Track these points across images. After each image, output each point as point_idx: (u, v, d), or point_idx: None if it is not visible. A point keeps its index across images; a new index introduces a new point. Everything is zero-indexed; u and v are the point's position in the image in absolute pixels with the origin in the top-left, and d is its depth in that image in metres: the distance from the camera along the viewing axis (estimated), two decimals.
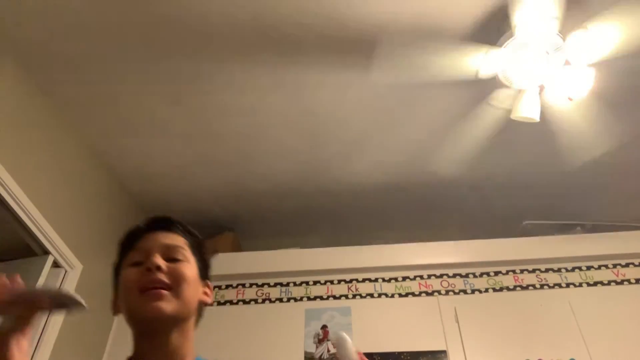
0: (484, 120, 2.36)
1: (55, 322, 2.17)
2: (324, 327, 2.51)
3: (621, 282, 2.53)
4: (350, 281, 2.70)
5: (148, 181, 2.89)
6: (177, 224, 0.92)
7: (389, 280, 2.69)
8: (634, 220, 2.82)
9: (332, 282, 2.71)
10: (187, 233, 0.92)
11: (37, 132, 2.27)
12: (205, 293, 0.91)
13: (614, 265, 2.59)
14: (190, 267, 0.86)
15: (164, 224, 0.91)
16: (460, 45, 2.00)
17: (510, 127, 2.39)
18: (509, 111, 2.18)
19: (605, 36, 1.85)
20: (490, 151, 2.63)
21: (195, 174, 2.84)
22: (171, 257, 0.85)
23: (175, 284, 0.81)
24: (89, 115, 2.45)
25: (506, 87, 2.13)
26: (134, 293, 0.79)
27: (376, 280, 2.69)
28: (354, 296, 2.64)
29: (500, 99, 2.21)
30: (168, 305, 0.79)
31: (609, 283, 2.54)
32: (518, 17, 1.87)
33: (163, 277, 0.81)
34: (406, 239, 2.84)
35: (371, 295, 2.64)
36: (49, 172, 2.31)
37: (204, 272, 0.92)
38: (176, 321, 0.81)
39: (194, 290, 0.85)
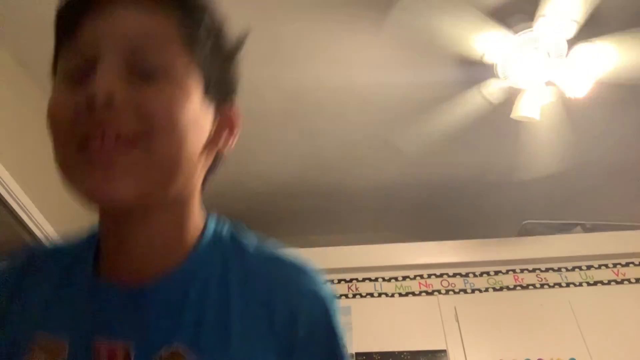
0: (480, 119, 2.36)
1: None
2: None
3: (621, 282, 2.53)
4: (350, 280, 2.70)
5: None
6: None
7: (389, 280, 2.68)
8: (635, 219, 2.82)
9: (332, 281, 2.71)
10: (182, 8, 0.47)
11: (34, 127, 2.26)
12: (224, 127, 0.53)
13: (614, 265, 2.59)
14: (183, 93, 0.45)
15: None
16: (482, 20, 1.90)
17: (510, 126, 2.39)
18: (503, 106, 2.17)
19: (609, 55, 1.85)
20: (489, 150, 2.64)
21: None
22: (144, 64, 0.44)
23: (148, 134, 0.43)
24: None
25: (502, 79, 2.12)
26: (68, 150, 0.44)
27: (376, 279, 2.69)
28: (354, 295, 2.64)
29: (493, 91, 2.20)
30: (128, 181, 0.42)
31: (609, 282, 2.54)
32: (544, 8, 1.84)
33: (121, 119, 0.42)
34: (406, 239, 2.84)
35: (371, 295, 2.64)
36: (47, 167, 2.29)
37: (225, 92, 0.52)
38: (155, 207, 0.47)
39: (188, 134, 0.45)
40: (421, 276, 2.68)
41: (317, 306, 0.51)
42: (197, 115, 0.47)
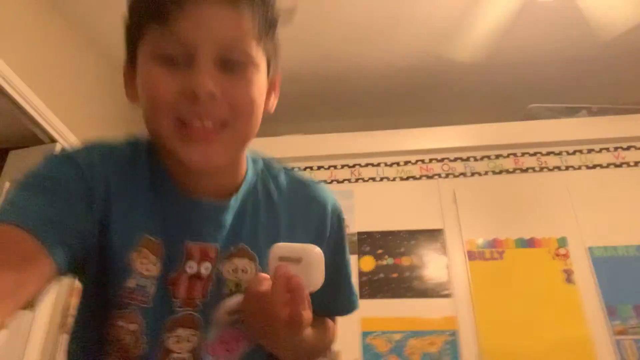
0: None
1: None
2: None
3: (620, 165, 2.55)
4: (353, 166, 2.76)
5: None
6: None
7: (391, 165, 2.74)
8: None
9: (335, 167, 2.78)
10: (258, 4, 0.56)
11: (36, 22, 2.19)
12: (272, 90, 0.64)
13: (615, 149, 2.59)
14: (258, 79, 0.56)
15: None
16: None
17: (521, 8, 2.25)
18: None
19: None
20: (499, 32, 2.51)
21: None
22: (232, 60, 0.54)
23: (235, 119, 0.55)
24: (90, 6, 2.36)
25: None
26: (168, 120, 0.53)
27: (378, 164, 2.75)
28: (357, 180, 2.72)
29: None
30: (221, 152, 0.55)
31: (607, 166, 2.56)
32: None
33: (217, 111, 0.53)
34: (409, 124, 2.84)
35: (373, 179, 2.71)
36: (49, 61, 2.27)
37: (274, 64, 0.62)
38: (233, 162, 0.61)
39: (260, 113, 0.59)
40: (422, 161, 2.73)
41: (336, 213, 0.70)
42: (263, 91, 0.59)
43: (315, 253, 0.54)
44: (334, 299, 0.72)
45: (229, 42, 0.54)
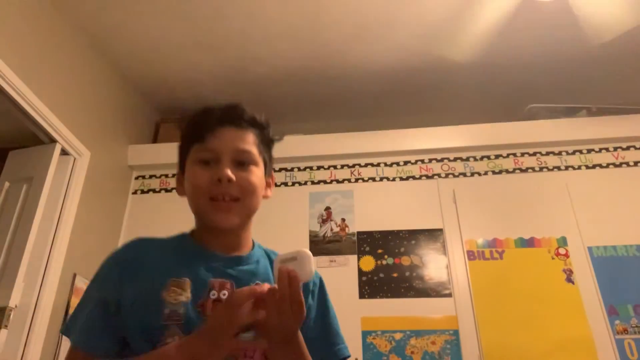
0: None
1: (70, 206, 2.28)
2: (327, 208, 2.63)
3: (619, 165, 2.56)
4: (353, 166, 2.76)
5: (149, 67, 2.84)
6: (249, 118, 0.90)
7: (391, 165, 2.74)
8: None
9: (335, 167, 2.78)
10: (257, 128, 0.90)
11: (35, 23, 2.19)
12: (268, 186, 0.94)
13: (615, 148, 2.60)
14: (258, 172, 0.88)
15: (236, 119, 0.89)
16: None
17: (520, 8, 2.26)
18: None
19: None
20: (499, 33, 2.52)
21: (197, 60, 2.77)
22: (241, 160, 0.86)
23: (244, 196, 0.85)
24: (91, 6, 2.36)
25: None
26: (204, 199, 0.84)
27: (378, 164, 2.75)
28: (357, 180, 2.72)
29: None
30: (235, 217, 0.85)
31: (607, 166, 2.57)
32: None
33: (233, 191, 0.84)
34: (409, 124, 2.84)
35: (373, 179, 2.72)
36: (49, 62, 2.27)
37: (270, 167, 0.94)
38: (241, 226, 0.89)
39: (260, 194, 0.89)
40: (422, 161, 2.73)
41: (317, 277, 0.93)
42: (262, 182, 0.90)
43: (305, 251, 0.73)
44: (326, 349, 0.91)
45: (240, 151, 0.87)
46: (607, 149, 2.61)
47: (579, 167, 2.59)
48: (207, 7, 2.40)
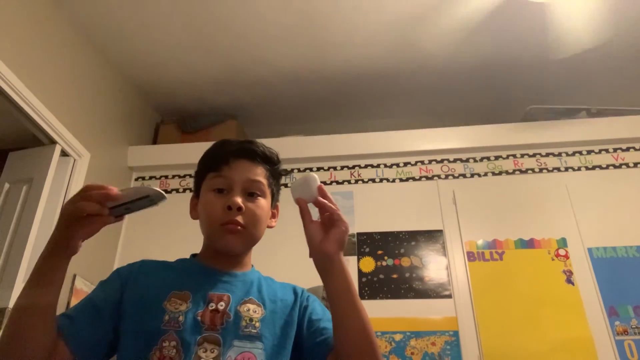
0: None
1: None
2: None
3: (619, 166, 2.56)
4: (353, 167, 2.77)
5: (149, 69, 2.85)
6: (262, 153, 0.98)
7: (391, 166, 2.74)
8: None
9: (335, 168, 2.78)
10: (268, 163, 0.99)
11: (36, 25, 2.19)
12: (273, 216, 1.03)
13: (615, 150, 2.60)
14: (265, 203, 0.96)
15: (250, 153, 0.97)
16: None
17: (518, 7, 2.26)
18: None
19: None
20: (497, 33, 2.52)
21: (197, 61, 2.78)
22: (251, 191, 0.94)
23: (251, 225, 0.92)
24: (88, 4, 2.36)
25: None
26: (215, 224, 0.92)
27: (378, 166, 2.75)
28: (357, 181, 2.72)
29: None
30: (240, 242, 0.93)
31: (607, 167, 2.57)
32: None
33: (241, 219, 0.91)
34: (410, 126, 2.84)
35: (373, 180, 2.72)
36: (49, 63, 2.27)
37: (276, 199, 1.03)
38: (245, 252, 0.97)
39: (265, 224, 0.97)
40: (422, 162, 2.73)
41: (301, 289, 1.00)
42: (268, 213, 0.98)
43: (309, 174, 0.88)
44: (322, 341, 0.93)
45: (250, 182, 0.95)
46: (606, 150, 2.61)
47: (579, 169, 2.59)
48: (208, 9, 2.41)
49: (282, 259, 2.17)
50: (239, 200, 0.91)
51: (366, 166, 2.76)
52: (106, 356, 0.86)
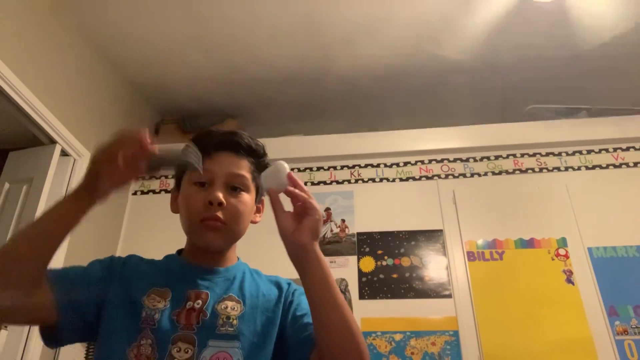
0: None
1: None
2: (327, 209, 2.63)
3: (619, 166, 2.56)
4: (353, 167, 2.77)
5: (149, 68, 2.85)
6: (246, 145, 0.93)
7: (391, 166, 2.74)
8: None
9: (335, 167, 2.78)
10: (253, 155, 0.94)
11: (36, 25, 2.19)
12: (258, 211, 0.98)
13: (615, 150, 2.60)
14: (248, 198, 0.92)
15: (234, 145, 0.93)
16: None
17: (519, 7, 2.26)
18: None
19: None
20: (498, 33, 2.52)
21: (197, 61, 2.78)
22: (234, 185, 0.90)
23: (232, 221, 0.88)
24: (87, 4, 2.36)
25: None
26: (195, 219, 0.88)
27: (378, 165, 2.75)
28: (357, 181, 2.72)
29: None
30: (220, 239, 0.89)
31: (607, 167, 2.57)
32: None
33: (221, 215, 0.87)
34: (409, 125, 2.84)
35: (373, 180, 2.72)
36: (49, 63, 2.27)
37: (261, 194, 0.97)
38: (226, 248, 0.94)
39: (247, 220, 0.93)
40: (422, 162, 2.73)
41: (287, 281, 0.96)
42: (252, 208, 0.94)
43: (278, 162, 0.82)
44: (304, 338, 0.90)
45: (234, 175, 0.90)
46: (606, 150, 2.61)
47: (579, 168, 2.59)
48: (208, 9, 2.40)
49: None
50: (219, 195, 0.87)
51: (366, 166, 2.75)
52: (83, 329, 0.84)
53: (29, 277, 0.74)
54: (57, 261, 0.76)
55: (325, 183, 2.74)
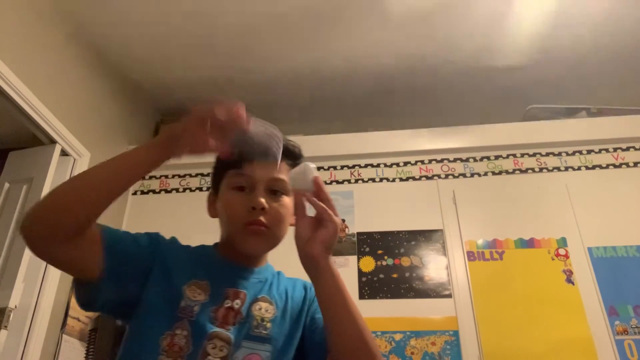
0: None
1: None
2: None
3: (619, 166, 2.56)
4: (353, 167, 2.77)
5: (149, 68, 2.85)
6: (285, 150, 0.90)
7: (391, 166, 2.74)
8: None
9: (335, 167, 2.78)
10: (291, 158, 0.93)
11: (35, 25, 2.20)
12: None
13: (615, 149, 2.60)
14: (288, 201, 0.92)
15: None
16: None
17: (521, 8, 2.27)
18: None
19: None
20: (498, 33, 2.52)
21: (196, 59, 2.78)
22: (274, 189, 0.90)
23: (274, 225, 0.89)
24: (87, 3, 2.36)
25: None
26: (238, 224, 0.88)
27: (378, 165, 2.75)
28: (357, 181, 2.72)
29: None
30: (264, 243, 0.90)
31: (607, 166, 2.57)
32: None
33: (264, 219, 0.87)
34: (409, 125, 2.84)
35: (373, 180, 2.72)
36: (49, 63, 2.27)
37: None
38: (266, 252, 0.96)
39: (287, 224, 0.92)
40: (422, 161, 2.73)
41: (310, 289, 0.95)
42: (291, 211, 0.91)
43: (306, 163, 0.80)
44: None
45: (274, 180, 0.90)
46: (606, 150, 2.61)
47: (579, 168, 2.59)
48: (208, 8, 2.40)
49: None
50: (262, 200, 0.87)
51: (366, 166, 2.75)
52: (122, 297, 0.82)
53: (84, 217, 0.73)
54: None
55: (325, 183, 2.72)
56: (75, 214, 0.72)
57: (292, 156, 0.94)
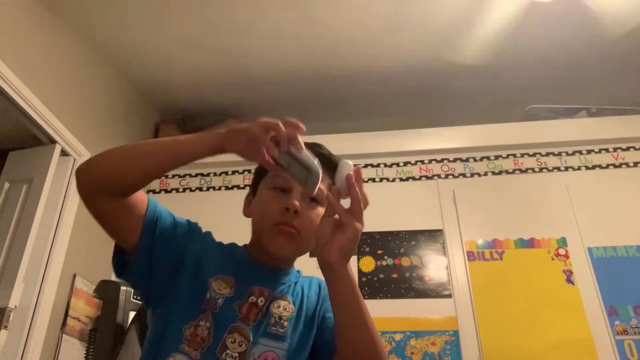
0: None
1: (70, 207, 2.28)
2: None
3: (619, 166, 2.56)
4: None
5: (149, 68, 2.85)
6: (327, 160, 0.91)
7: (391, 166, 2.74)
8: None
9: None
10: (330, 169, 0.91)
11: (36, 24, 2.20)
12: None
13: (615, 149, 2.60)
14: (322, 211, 0.88)
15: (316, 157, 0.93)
16: None
17: (524, 9, 2.26)
18: None
19: None
20: (498, 34, 2.52)
21: (197, 61, 2.78)
22: (311, 196, 0.90)
23: (304, 230, 0.88)
24: (91, 9, 2.37)
25: None
26: (268, 223, 0.89)
27: (378, 165, 2.75)
28: None
29: None
30: (291, 245, 0.89)
31: (607, 166, 2.57)
32: None
33: (296, 223, 0.87)
34: (409, 125, 2.84)
35: (373, 180, 2.72)
36: (49, 63, 2.27)
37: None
38: (292, 258, 0.96)
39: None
40: (422, 161, 2.73)
41: (323, 287, 0.96)
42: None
43: (344, 160, 0.78)
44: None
45: None
46: (606, 150, 2.61)
47: (579, 168, 2.59)
48: (208, 8, 2.40)
49: None
50: (297, 203, 0.87)
51: (366, 165, 2.75)
52: (154, 271, 0.85)
53: (132, 178, 0.79)
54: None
55: None
56: (125, 172, 0.79)
57: (332, 167, 0.90)
